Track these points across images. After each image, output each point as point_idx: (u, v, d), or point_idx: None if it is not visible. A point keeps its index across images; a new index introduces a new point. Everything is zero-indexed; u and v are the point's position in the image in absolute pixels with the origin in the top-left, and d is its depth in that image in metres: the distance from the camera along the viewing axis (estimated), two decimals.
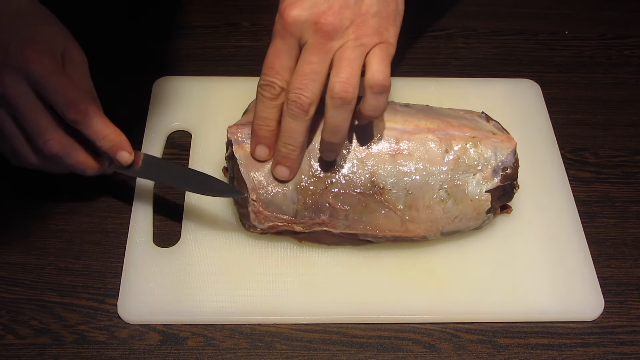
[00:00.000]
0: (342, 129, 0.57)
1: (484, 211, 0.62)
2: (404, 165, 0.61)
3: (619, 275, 0.65)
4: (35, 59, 0.57)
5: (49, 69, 0.57)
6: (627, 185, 0.72)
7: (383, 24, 0.57)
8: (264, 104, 0.58)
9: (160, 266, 0.62)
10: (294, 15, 0.55)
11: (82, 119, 0.57)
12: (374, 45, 0.57)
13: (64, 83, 0.57)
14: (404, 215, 0.61)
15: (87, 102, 0.58)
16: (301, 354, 0.59)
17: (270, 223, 0.60)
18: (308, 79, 0.56)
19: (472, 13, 0.88)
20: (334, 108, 0.56)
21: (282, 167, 0.59)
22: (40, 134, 0.58)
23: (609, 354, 0.60)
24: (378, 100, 0.57)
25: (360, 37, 0.56)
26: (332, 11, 0.55)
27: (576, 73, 0.82)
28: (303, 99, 0.56)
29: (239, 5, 0.87)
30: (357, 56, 0.56)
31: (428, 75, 0.80)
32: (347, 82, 0.55)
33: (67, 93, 0.57)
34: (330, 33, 0.55)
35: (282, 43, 0.56)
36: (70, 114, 0.57)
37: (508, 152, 0.62)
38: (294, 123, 0.57)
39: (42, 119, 0.58)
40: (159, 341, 0.59)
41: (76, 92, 0.58)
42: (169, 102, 0.74)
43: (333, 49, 0.56)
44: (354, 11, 0.56)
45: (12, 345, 0.58)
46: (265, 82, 0.58)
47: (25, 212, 0.66)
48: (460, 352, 0.59)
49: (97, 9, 0.85)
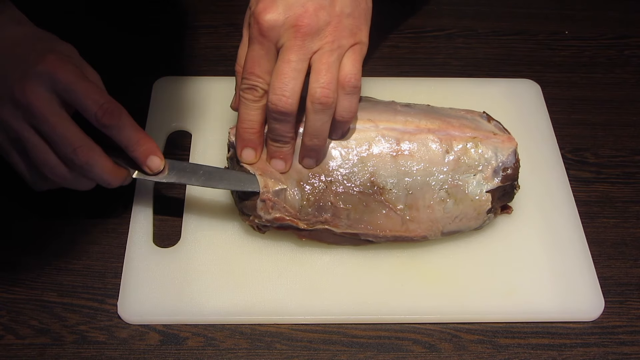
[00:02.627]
0: (323, 133, 0.59)
1: (485, 211, 0.62)
2: (405, 166, 0.61)
3: (619, 275, 0.65)
4: (61, 66, 0.55)
5: (77, 74, 0.56)
6: (627, 185, 0.72)
7: (356, 24, 0.59)
8: (248, 107, 0.59)
9: (160, 266, 0.62)
10: (269, 19, 0.56)
11: (117, 123, 0.56)
12: (349, 47, 0.58)
13: (94, 88, 0.56)
14: (405, 215, 0.61)
15: (120, 107, 0.56)
16: (301, 354, 0.59)
17: (277, 214, 0.60)
18: (288, 78, 0.57)
19: (472, 13, 0.88)
20: (315, 113, 0.58)
21: (276, 160, 0.60)
22: (69, 142, 0.55)
23: (609, 354, 0.60)
24: (350, 101, 0.58)
25: (337, 39, 0.58)
26: (308, 13, 0.56)
27: (576, 73, 0.82)
28: (284, 100, 0.57)
29: (239, 5, 0.87)
30: (334, 59, 0.58)
31: (428, 75, 0.80)
32: (327, 87, 0.57)
33: (99, 98, 0.55)
34: (309, 35, 0.57)
35: (260, 48, 0.57)
36: (104, 118, 0.55)
37: (509, 153, 0.62)
38: (279, 123, 0.58)
39: (70, 127, 0.56)
40: (159, 341, 0.59)
41: (108, 97, 0.56)
42: (169, 102, 0.74)
43: (311, 49, 0.57)
44: (329, 12, 0.57)
45: (12, 345, 0.58)
46: (247, 86, 0.58)
47: (25, 212, 0.66)
48: (460, 352, 0.59)
49: (97, 9, 0.85)
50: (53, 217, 0.66)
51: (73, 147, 0.55)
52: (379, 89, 0.74)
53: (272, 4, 0.57)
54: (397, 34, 0.84)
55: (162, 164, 0.59)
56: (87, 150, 0.56)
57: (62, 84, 0.55)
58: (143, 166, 0.59)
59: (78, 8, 0.84)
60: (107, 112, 0.55)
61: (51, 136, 0.55)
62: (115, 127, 0.56)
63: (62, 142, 0.55)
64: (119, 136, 0.57)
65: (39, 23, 0.60)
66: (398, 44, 0.84)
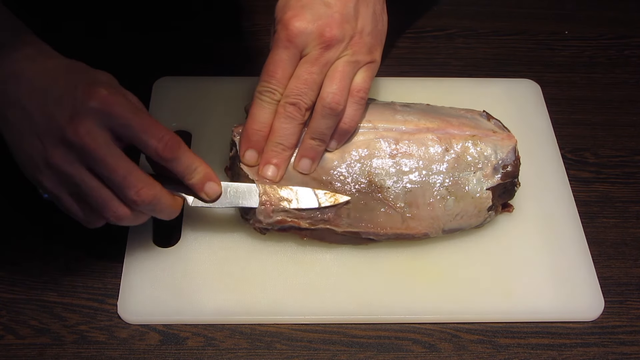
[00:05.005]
0: (325, 136, 0.60)
1: (485, 209, 0.62)
2: (404, 165, 0.61)
3: (619, 275, 0.65)
4: (114, 101, 0.52)
5: (130, 108, 0.52)
6: (627, 185, 0.72)
7: (374, 43, 0.61)
8: (264, 108, 0.59)
9: (160, 266, 0.62)
10: (299, 27, 0.57)
11: (177, 156, 0.54)
12: (365, 64, 0.60)
13: (150, 121, 0.53)
14: (405, 212, 0.61)
15: (178, 138, 0.54)
16: (301, 354, 0.59)
17: (279, 217, 0.60)
18: (308, 87, 0.58)
19: (472, 13, 0.88)
20: (323, 117, 0.59)
21: (270, 166, 0.60)
22: (132, 185, 0.52)
23: (609, 354, 0.60)
24: (356, 110, 0.60)
25: (356, 53, 0.59)
26: (335, 24, 0.58)
27: (576, 73, 0.82)
28: (302, 104, 0.58)
29: (239, 5, 0.87)
30: (350, 71, 0.59)
31: (428, 75, 0.80)
32: (339, 93, 0.58)
33: (157, 132, 0.53)
34: (332, 45, 0.58)
35: (286, 53, 0.58)
36: (165, 152, 0.53)
37: (508, 150, 0.62)
38: (289, 124, 0.59)
39: (130, 167, 0.53)
40: (159, 341, 0.59)
41: (164, 129, 0.54)
42: (169, 102, 0.74)
43: (331, 60, 0.59)
44: (352, 26, 0.59)
45: (12, 345, 0.58)
46: (266, 89, 0.59)
47: (25, 212, 0.66)
48: (460, 352, 0.59)
49: (96, 9, 0.85)
50: (53, 217, 0.66)
51: (136, 189, 0.53)
52: (379, 89, 0.74)
53: (301, 11, 0.58)
54: (397, 34, 0.84)
55: (220, 189, 0.58)
56: (149, 189, 0.53)
57: (118, 120, 0.52)
58: (200, 193, 0.57)
59: (78, 8, 0.84)
60: (168, 146, 0.53)
61: (111, 179, 0.52)
62: (175, 159, 0.54)
63: (124, 185, 0.53)
64: (178, 167, 0.55)
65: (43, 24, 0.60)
66: (398, 44, 0.84)
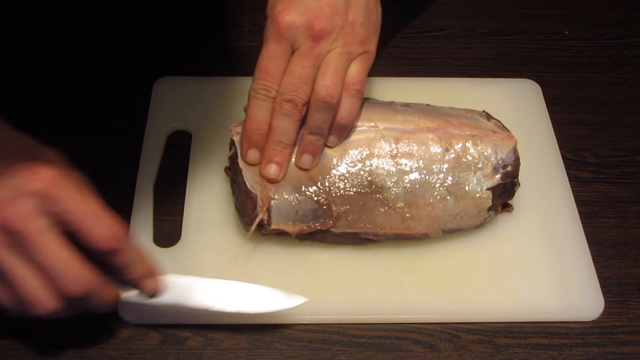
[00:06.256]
0: (323, 130, 0.60)
1: (485, 209, 0.62)
2: (404, 164, 0.61)
3: (619, 275, 0.65)
4: (58, 182, 0.47)
5: (77, 193, 0.48)
6: (627, 185, 0.72)
7: (367, 34, 0.61)
8: (260, 107, 0.59)
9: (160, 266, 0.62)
10: (288, 20, 0.58)
11: (120, 247, 0.50)
12: (358, 55, 0.60)
13: (96, 208, 0.49)
14: (404, 213, 0.61)
15: (124, 229, 0.50)
16: (301, 354, 0.59)
17: (275, 227, 0.61)
18: (302, 82, 0.58)
19: (472, 13, 0.88)
20: (318, 110, 0.59)
21: (272, 165, 0.60)
22: (65, 274, 0.48)
23: (609, 354, 0.60)
24: (352, 104, 0.60)
25: (347, 44, 0.59)
26: (324, 16, 0.58)
27: (576, 73, 0.82)
28: (298, 100, 0.58)
29: (239, 5, 0.87)
30: (343, 63, 0.59)
31: (428, 75, 0.80)
32: (332, 86, 0.58)
33: (103, 220, 0.49)
34: (322, 37, 0.58)
35: (277, 47, 0.58)
36: (109, 242, 0.49)
37: (508, 150, 0.62)
38: (287, 122, 0.59)
39: (67, 256, 0.48)
40: (159, 341, 0.59)
41: (111, 217, 0.50)
42: (169, 102, 0.74)
43: (322, 53, 0.59)
44: (343, 18, 0.59)
45: (12, 345, 0.58)
46: (261, 86, 0.59)
47: None
48: (460, 352, 0.59)
49: (96, 9, 0.85)
50: None
51: (69, 279, 0.48)
52: (379, 89, 0.74)
53: (290, 6, 0.58)
54: (397, 34, 0.84)
55: (159, 286, 0.54)
56: (86, 281, 0.49)
57: (61, 206, 0.48)
58: (139, 288, 0.54)
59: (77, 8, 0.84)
60: (113, 235, 0.49)
61: (44, 267, 0.48)
62: (119, 251, 0.50)
63: (56, 274, 0.48)
64: (120, 259, 0.51)
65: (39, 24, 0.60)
66: (398, 44, 0.84)
